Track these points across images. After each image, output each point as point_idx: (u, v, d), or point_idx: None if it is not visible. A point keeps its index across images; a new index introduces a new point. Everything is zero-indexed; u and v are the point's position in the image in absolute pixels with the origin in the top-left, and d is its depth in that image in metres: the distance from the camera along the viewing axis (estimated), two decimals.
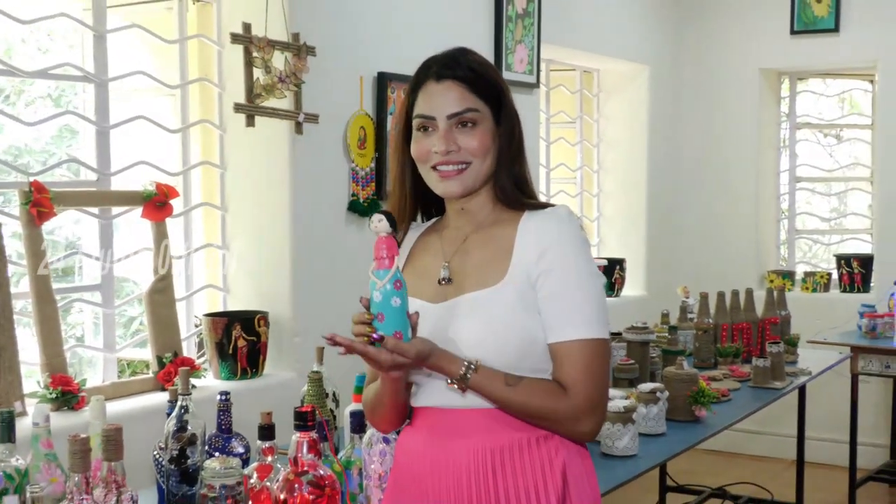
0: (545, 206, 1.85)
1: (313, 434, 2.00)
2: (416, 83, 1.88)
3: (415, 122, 1.87)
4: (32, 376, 3.13)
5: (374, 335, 1.69)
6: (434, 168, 1.84)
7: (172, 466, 2.35)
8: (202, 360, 3.64)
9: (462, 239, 1.89)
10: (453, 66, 1.85)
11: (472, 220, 1.89)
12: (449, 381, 1.77)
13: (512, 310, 1.77)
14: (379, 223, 1.75)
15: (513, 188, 1.86)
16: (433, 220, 2.00)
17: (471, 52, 1.89)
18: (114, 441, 2.01)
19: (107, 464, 2.03)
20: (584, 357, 1.76)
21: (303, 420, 1.98)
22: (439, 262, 1.89)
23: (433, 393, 1.82)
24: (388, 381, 1.82)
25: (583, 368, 1.76)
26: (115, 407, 3.07)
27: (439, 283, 1.87)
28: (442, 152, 1.82)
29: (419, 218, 2.00)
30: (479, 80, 1.84)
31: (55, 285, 3.13)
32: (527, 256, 1.79)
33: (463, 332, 1.79)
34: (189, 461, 2.35)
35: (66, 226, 3.81)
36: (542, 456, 1.78)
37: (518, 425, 1.78)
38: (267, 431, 2.21)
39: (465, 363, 1.75)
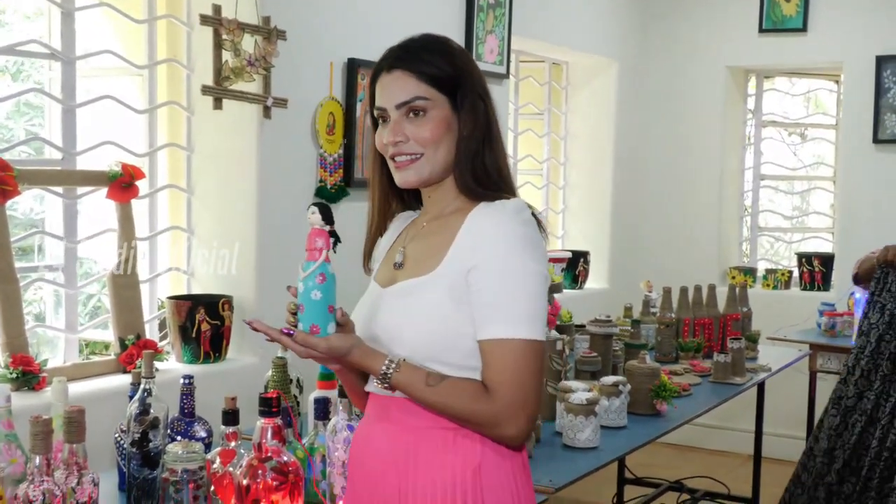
0: (502, 198, 1.79)
1: (278, 420, 2.00)
2: (373, 75, 1.87)
3: (375, 114, 1.86)
4: None
5: (284, 328, 1.70)
6: (392, 158, 1.83)
7: (134, 449, 2.34)
8: (165, 343, 3.62)
9: (422, 225, 1.89)
10: (403, 55, 1.82)
11: (435, 207, 1.87)
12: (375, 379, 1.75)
13: (437, 301, 1.73)
14: (312, 215, 1.77)
15: (472, 178, 1.80)
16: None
17: (429, 39, 1.86)
18: (76, 423, 2.01)
19: (68, 446, 2.03)
20: (507, 358, 1.69)
21: (268, 406, 1.98)
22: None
23: (373, 379, 1.81)
24: (335, 370, 1.87)
25: (506, 370, 1.69)
26: (77, 388, 3.05)
27: (393, 266, 1.88)
28: (391, 143, 1.80)
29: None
30: (430, 66, 1.80)
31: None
32: (463, 248, 1.74)
33: (386, 319, 1.78)
34: (151, 444, 2.34)
35: (24, 202, 3.75)
36: (458, 453, 1.73)
37: (443, 418, 1.75)
38: (231, 416, 2.20)
39: (387, 361, 1.72)
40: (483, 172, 1.81)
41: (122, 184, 3.38)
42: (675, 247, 6.60)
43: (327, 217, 1.78)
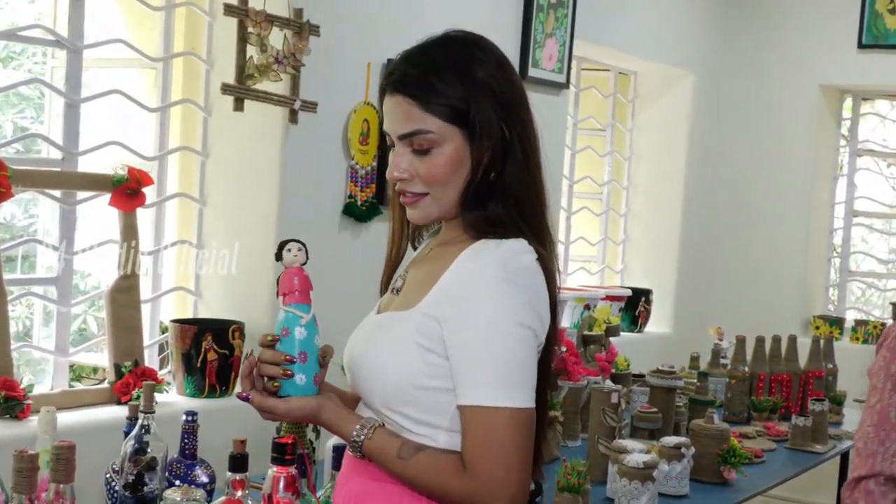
0: (508, 236, 1.75)
1: (292, 469, 2.02)
2: (380, 91, 1.84)
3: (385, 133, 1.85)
4: None
5: (242, 392, 1.78)
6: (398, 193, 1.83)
7: (127, 493, 2.36)
8: (165, 372, 3.65)
9: (429, 249, 1.91)
10: (402, 76, 1.77)
11: (448, 232, 1.86)
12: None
13: (403, 342, 1.74)
14: (299, 252, 1.81)
15: (477, 216, 1.77)
16: None
17: (440, 51, 1.81)
18: (65, 461, 2.02)
19: (55, 485, 2.04)
20: (485, 428, 1.65)
21: (281, 453, 2.00)
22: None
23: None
24: None
25: (483, 442, 1.65)
26: (65, 419, 3.08)
27: (392, 291, 1.91)
28: (392, 179, 1.80)
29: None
30: (436, 94, 1.74)
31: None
32: (443, 292, 1.73)
33: (360, 349, 1.82)
34: (146, 489, 2.36)
35: (8, 206, 3.79)
36: None
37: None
38: (239, 462, 2.22)
39: (359, 426, 1.73)
40: (499, 209, 1.77)
41: (128, 190, 3.42)
42: (751, 289, 6.55)
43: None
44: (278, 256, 1.81)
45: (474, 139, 1.76)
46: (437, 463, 1.70)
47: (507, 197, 1.77)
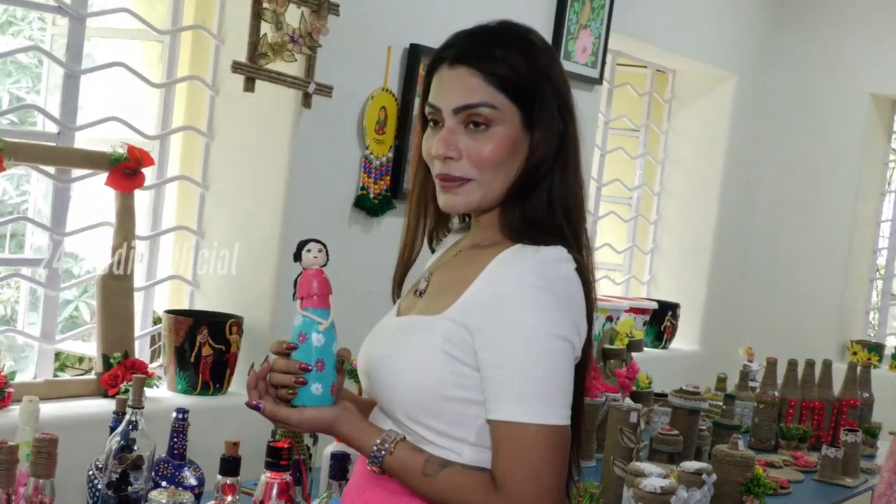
0: (546, 242, 1.75)
1: (286, 476, 2.02)
2: (431, 65, 1.84)
3: (426, 112, 1.82)
4: None
5: (253, 401, 1.81)
6: (438, 176, 1.80)
7: (110, 492, 2.37)
8: (156, 365, 3.66)
9: (457, 251, 1.90)
10: (472, 48, 1.78)
11: (480, 233, 1.85)
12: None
13: (430, 350, 1.74)
14: (319, 253, 1.80)
15: (520, 216, 1.77)
16: None
17: (507, 29, 1.82)
18: (47, 455, 2.04)
19: (34, 480, 2.06)
20: (518, 445, 1.66)
21: (276, 458, 2.01)
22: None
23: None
24: None
25: (515, 458, 1.66)
26: (48, 410, 3.09)
27: (415, 294, 1.90)
28: (439, 157, 1.77)
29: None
30: (504, 66, 1.75)
31: None
32: (475, 298, 1.73)
33: (380, 355, 1.81)
34: (131, 489, 2.36)
35: None
36: None
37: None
38: (231, 465, 2.22)
39: (380, 441, 1.73)
40: (541, 211, 1.78)
41: (126, 170, 3.43)
42: (786, 309, 6.54)
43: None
44: (297, 257, 1.80)
45: (533, 127, 1.77)
46: (465, 480, 1.70)
47: (551, 199, 1.78)
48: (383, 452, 1.72)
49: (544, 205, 1.78)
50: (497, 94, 1.75)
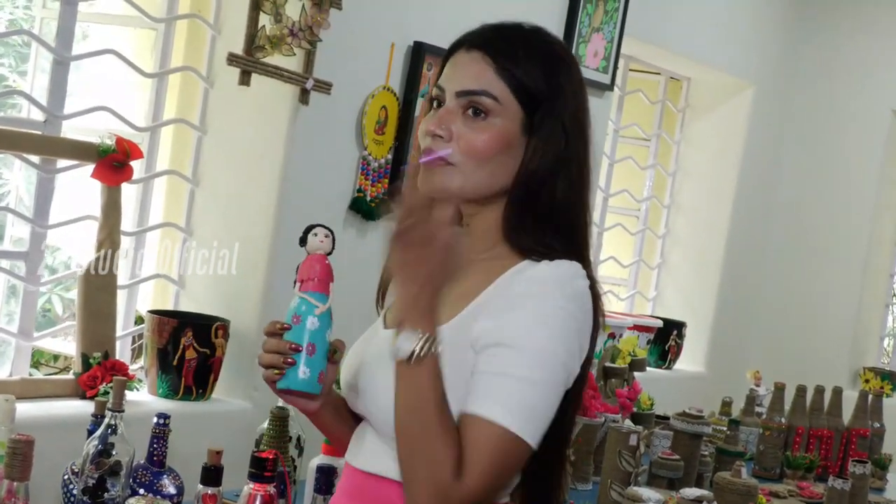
0: (554, 256, 1.77)
1: (270, 488, 2.04)
2: (450, 49, 1.87)
3: (433, 94, 1.85)
4: None
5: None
6: (424, 152, 1.80)
7: (85, 498, 2.38)
8: (137, 367, 3.67)
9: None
10: (494, 38, 1.82)
11: (472, 241, 1.83)
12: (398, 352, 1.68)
13: None
14: (326, 238, 1.82)
15: (532, 238, 1.79)
16: None
17: (537, 36, 1.86)
18: (22, 456, 2.06)
19: (7, 482, 2.08)
20: (484, 437, 1.65)
21: (260, 468, 2.02)
22: None
23: (358, 452, 1.84)
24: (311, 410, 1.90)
25: (475, 446, 1.65)
26: (24, 410, 3.09)
27: None
28: (430, 132, 1.79)
29: None
30: (520, 68, 1.79)
31: None
32: (488, 309, 1.74)
33: (370, 370, 1.81)
34: (107, 495, 2.38)
35: None
36: None
37: None
38: (212, 475, 2.24)
39: (428, 335, 1.65)
40: (543, 222, 1.80)
41: (114, 162, 3.43)
42: (796, 332, 6.54)
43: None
44: (303, 241, 1.82)
45: (532, 135, 1.80)
46: (445, 454, 1.64)
47: (552, 216, 1.80)
48: (426, 349, 1.65)
49: (545, 221, 1.80)
50: (505, 88, 1.78)
